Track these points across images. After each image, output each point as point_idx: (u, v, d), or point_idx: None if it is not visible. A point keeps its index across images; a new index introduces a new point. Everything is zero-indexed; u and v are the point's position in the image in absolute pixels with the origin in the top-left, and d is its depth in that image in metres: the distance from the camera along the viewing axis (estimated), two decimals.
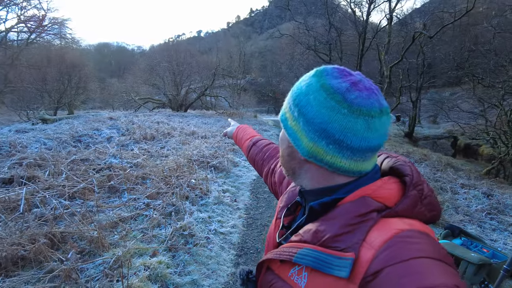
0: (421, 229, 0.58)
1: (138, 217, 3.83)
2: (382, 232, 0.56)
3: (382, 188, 0.64)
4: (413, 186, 0.63)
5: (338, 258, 0.56)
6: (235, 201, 5.19)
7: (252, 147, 1.35)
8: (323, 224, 0.63)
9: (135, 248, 3.04)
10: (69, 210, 3.62)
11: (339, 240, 0.59)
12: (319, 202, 0.67)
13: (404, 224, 0.57)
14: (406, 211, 0.61)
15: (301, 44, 22.05)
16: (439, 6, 20.02)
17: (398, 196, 0.63)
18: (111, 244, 3.10)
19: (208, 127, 14.22)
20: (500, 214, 4.82)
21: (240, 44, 52.20)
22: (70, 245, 2.95)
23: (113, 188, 4.60)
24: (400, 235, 0.55)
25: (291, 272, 0.66)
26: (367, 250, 0.55)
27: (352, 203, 0.63)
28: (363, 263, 0.54)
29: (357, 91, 0.62)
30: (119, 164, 5.61)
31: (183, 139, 9.45)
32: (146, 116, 15.21)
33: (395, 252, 0.52)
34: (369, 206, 0.61)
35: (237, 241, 3.83)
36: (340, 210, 0.63)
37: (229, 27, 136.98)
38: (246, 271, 0.84)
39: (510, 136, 7.51)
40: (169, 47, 31.57)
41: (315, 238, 0.63)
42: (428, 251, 0.52)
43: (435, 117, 26.80)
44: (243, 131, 1.51)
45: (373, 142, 0.63)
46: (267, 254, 0.74)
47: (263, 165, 1.26)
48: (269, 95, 47.38)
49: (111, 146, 7.19)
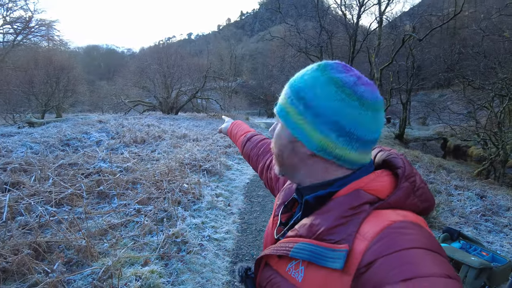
0: (414, 220, 0.58)
1: (129, 224, 3.69)
2: (375, 224, 0.57)
3: (375, 181, 0.65)
4: (405, 178, 0.64)
5: (332, 250, 0.57)
6: (229, 205, 5.08)
7: (247, 143, 1.34)
8: (318, 218, 0.64)
9: (126, 256, 2.91)
10: (56, 218, 3.46)
11: (333, 233, 0.59)
12: (314, 196, 0.68)
13: (397, 216, 0.58)
14: (399, 202, 0.62)
15: (292, 46, 22.05)
16: (427, 10, 20.32)
17: (390, 188, 0.64)
18: (100, 253, 2.96)
19: (200, 130, 14.09)
20: (494, 216, 4.82)
21: (231, 46, 52.27)
22: (56, 255, 2.80)
23: (102, 193, 4.44)
24: (393, 226, 0.55)
25: (288, 267, 0.67)
26: (360, 241, 0.56)
27: (345, 196, 0.63)
28: (357, 255, 0.54)
29: (363, 85, 0.65)
30: (108, 168, 5.45)
31: (174, 142, 9.31)
32: (136, 119, 15.01)
33: (388, 243, 0.52)
34: (362, 199, 0.61)
35: (231, 247, 3.72)
36: (334, 203, 0.64)
37: (219, 30, 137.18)
38: (245, 268, 0.85)
39: (500, 137, 7.57)
40: (160, 49, 31.31)
41: (310, 232, 0.63)
42: (421, 242, 0.52)
43: (425, 119, 27.12)
44: (238, 127, 1.50)
45: (376, 134, 0.67)
46: (265, 250, 0.75)
47: (258, 160, 1.25)
48: (260, 98, 47.46)
49: (101, 150, 7.01)
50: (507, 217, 4.66)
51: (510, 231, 4.23)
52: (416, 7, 22.08)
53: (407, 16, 23.02)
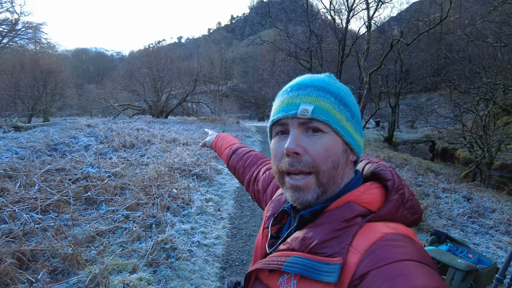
0: (405, 232, 0.59)
1: (117, 230, 3.64)
2: (367, 236, 0.57)
3: (366, 194, 0.65)
4: (395, 191, 0.65)
5: (326, 264, 0.57)
6: (219, 210, 5.05)
7: (232, 155, 1.34)
8: (311, 231, 0.63)
9: (114, 264, 2.86)
10: (41, 225, 3.39)
11: (326, 246, 0.59)
12: (310, 211, 0.67)
13: (388, 228, 0.59)
14: (390, 215, 0.63)
15: (282, 51, 22.20)
16: (414, 15, 20.72)
17: (381, 201, 0.65)
18: (87, 261, 2.91)
19: (190, 134, 14.01)
20: (480, 217, 4.89)
21: (221, 50, 52.29)
22: (41, 264, 2.74)
23: (90, 199, 4.37)
24: (385, 239, 0.56)
25: (280, 281, 0.65)
26: (353, 254, 0.56)
27: (337, 209, 0.64)
28: (350, 267, 0.55)
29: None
30: (96, 173, 5.38)
31: (164, 147, 9.23)
32: (125, 123, 14.86)
33: (380, 255, 0.53)
34: (354, 211, 0.62)
35: (221, 253, 3.69)
36: (326, 217, 0.64)
37: (210, 34, 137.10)
38: (234, 283, 0.84)
39: (485, 140, 7.73)
40: (149, 52, 31.15)
41: (303, 245, 0.62)
42: (412, 254, 0.53)
43: (413, 122, 27.52)
44: (222, 140, 1.49)
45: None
46: (255, 264, 0.73)
47: (244, 172, 1.25)
48: (251, 101, 47.50)
49: (89, 155, 6.91)
50: (493, 218, 4.74)
51: (496, 232, 4.31)
52: (404, 12, 22.54)
53: (395, 21, 23.46)
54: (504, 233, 4.27)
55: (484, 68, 9.13)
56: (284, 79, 23.14)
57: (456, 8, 19.85)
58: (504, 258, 3.53)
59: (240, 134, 15.89)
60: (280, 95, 0.73)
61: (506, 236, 4.16)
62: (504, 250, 3.79)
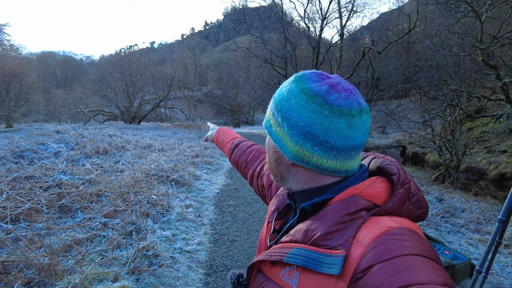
0: (410, 227, 0.59)
1: (95, 238, 3.49)
2: (372, 230, 0.57)
3: (371, 187, 0.65)
4: (400, 185, 0.65)
5: (328, 256, 0.56)
6: (199, 216, 4.97)
7: (235, 150, 1.33)
8: (314, 223, 0.63)
9: (94, 273, 2.74)
10: (12, 235, 3.19)
11: (330, 238, 0.59)
12: (311, 203, 0.67)
13: (393, 222, 0.58)
14: (395, 209, 0.62)
15: (258, 57, 22.39)
16: (384, 24, 21.59)
17: (386, 195, 0.65)
18: (66, 271, 2.77)
19: (165, 140, 13.79)
20: (452, 217, 5.13)
21: (195, 56, 51.97)
22: (15, 276, 2.58)
23: (64, 207, 4.17)
24: (390, 233, 0.55)
25: (282, 273, 0.66)
26: (357, 247, 0.55)
27: (342, 202, 0.63)
28: (353, 261, 0.54)
29: (336, 93, 0.65)
30: (70, 181, 5.14)
31: (139, 153, 9.00)
32: (97, 129, 14.38)
33: (385, 250, 0.52)
34: (359, 205, 0.61)
35: (204, 259, 3.63)
36: (330, 209, 0.63)
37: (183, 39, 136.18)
38: (237, 275, 0.84)
39: (453, 144, 8.13)
40: (121, 57, 30.36)
41: (305, 237, 0.63)
42: (417, 249, 0.53)
43: (384, 128, 28.47)
44: (224, 134, 1.47)
45: (356, 141, 0.65)
46: (258, 256, 0.73)
47: (247, 167, 1.25)
48: (226, 107, 47.43)
49: (60, 162, 6.61)
50: (463, 218, 4.98)
51: (466, 230, 4.52)
52: (374, 22, 23.43)
53: (366, 30, 24.33)
54: (474, 231, 4.49)
55: (450, 76, 9.66)
56: (260, 85, 23.33)
57: (422, 19, 20.91)
58: (475, 254, 3.71)
59: None
60: None
61: (476, 233, 4.38)
62: (475, 247, 3.98)
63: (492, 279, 3.11)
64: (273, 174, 0.78)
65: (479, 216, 4.87)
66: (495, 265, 3.37)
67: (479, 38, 7.73)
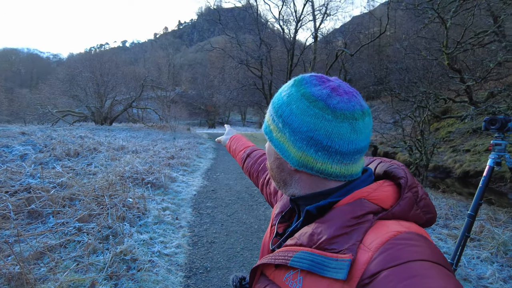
0: (418, 231, 0.57)
1: (69, 244, 3.36)
2: (379, 234, 0.55)
3: (378, 191, 0.64)
4: (408, 188, 0.64)
5: (335, 260, 0.55)
6: (177, 219, 4.91)
7: (247, 159, 1.33)
8: (319, 227, 0.62)
9: (69, 280, 2.64)
10: None
11: (336, 242, 0.57)
12: (316, 206, 0.66)
13: (401, 227, 0.57)
14: (403, 213, 0.61)
15: (233, 58, 22.38)
16: (356, 28, 22.22)
17: (393, 198, 0.63)
18: (38, 279, 2.65)
19: (139, 141, 13.48)
20: None
21: (169, 55, 51.15)
22: None
23: (34, 212, 3.99)
24: (398, 237, 0.54)
25: (285, 277, 0.64)
26: (364, 252, 0.54)
27: (348, 205, 0.62)
28: (360, 266, 0.53)
29: (338, 96, 0.64)
30: (39, 184, 4.92)
31: (112, 155, 8.75)
32: (67, 130, 13.83)
33: (393, 255, 0.51)
34: (366, 208, 0.60)
35: (184, 261, 3.59)
36: (336, 212, 0.62)
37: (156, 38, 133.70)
38: (239, 278, 0.83)
39: (422, 143, 8.49)
40: (92, 56, 29.36)
41: (311, 241, 0.61)
42: (426, 254, 0.51)
43: None
44: (236, 142, 1.48)
45: (359, 144, 0.64)
46: (262, 259, 0.72)
47: (258, 176, 1.25)
48: (201, 108, 46.98)
49: (28, 165, 6.30)
50: None
51: (436, 226, 4.73)
52: (347, 25, 24.06)
53: (339, 32, 24.92)
54: (443, 227, 4.71)
55: (419, 78, 10.08)
56: (236, 86, 23.31)
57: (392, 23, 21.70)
58: (445, 248, 3.90)
59: (192, 141, 15.62)
60: None
61: (445, 228, 4.59)
62: (444, 241, 4.18)
63: (460, 271, 3.28)
64: (275, 181, 0.77)
65: (447, 212, 5.11)
66: (463, 258, 3.55)
67: (445, 43, 8.12)
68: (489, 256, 3.60)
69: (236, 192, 6.88)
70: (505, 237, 3.79)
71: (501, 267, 3.39)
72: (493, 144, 2.58)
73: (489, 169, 2.61)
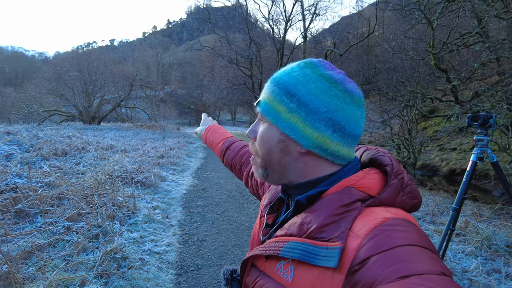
0: (406, 217, 0.58)
1: (58, 243, 3.33)
2: (368, 221, 0.56)
3: (365, 178, 0.64)
4: (394, 175, 0.64)
5: (325, 248, 0.55)
6: (167, 217, 4.90)
7: (227, 152, 1.29)
8: (309, 216, 0.62)
9: (58, 279, 2.62)
10: None
11: (325, 231, 0.58)
12: (306, 196, 0.66)
13: (389, 213, 0.58)
14: (389, 199, 0.62)
15: (223, 57, 22.33)
16: (345, 28, 22.43)
17: (380, 185, 0.64)
18: (27, 278, 2.62)
19: (127, 141, 13.36)
20: None
21: (158, 54, 50.75)
22: None
23: (22, 212, 3.93)
24: (386, 224, 0.55)
25: (277, 267, 0.64)
26: (353, 239, 0.54)
27: (336, 193, 0.62)
28: (350, 252, 0.53)
29: (350, 83, 0.67)
30: (26, 184, 4.85)
31: (101, 154, 8.65)
32: (54, 130, 13.64)
33: (382, 241, 0.52)
34: (353, 196, 0.61)
35: (174, 259, 3.59)
36: (325, 201, 0.62)
37: (145, 37, 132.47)
38: (230, 270, 0.82)
39: (410, 142, 8.63)
40: (79, 55, 28.86)
41: (301, 230, 0.61)
42: (414, 239, 0.52)
43: None
44: (213, 133, 1.41)
45: (362, 129, 0.68)
46: (252, 251, 0.71)
47: (241, 169, 1.21)
48: (191, 107, 46.75)
49: (14, 165, 6.19)
50: (420, 211, 5.30)
51: (423, 222, 4.83)
52: (336, 25, 24.28)
53: (328, 32, 25.14)
54: (430, 223, 4.81)
55: (407, 78, 10.23)
56: (225, 85, 23.27)
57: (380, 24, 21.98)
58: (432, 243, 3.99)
59: (182, 140, 15.55)
60: None
61: (432, 224, 4.70)
62: (431, 237, 4.27)
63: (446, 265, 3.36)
64: (269, 168, 0.73)
65: (434, 209, 5.22)
66: (448, 252, 3.65)
67: (431, 43, 8.29)
68: (473, 250, 3.71)
69: (227, 190, 6.89)
70: (489, 232, 3.90)
71: (485, 261, 3.49)
72: (476, 140, 2.67)
73: (472, 164, 2.69)
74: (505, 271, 3.23)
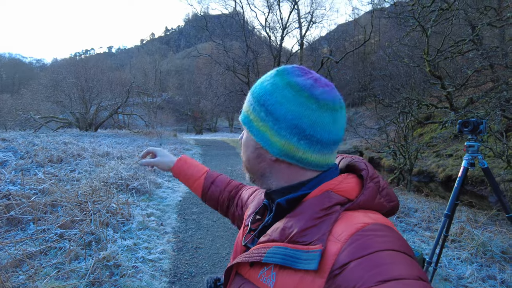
0: (384, 222, 0.60)
1: (50, 251, 3.29)
2: (348, 226, 0.57)
3: (343, 183, 0.66)
4: (370, 179, 0.66)
5: (306, 252, 0.56)
6: (162, 225, 4.87)
7: (211, 187, 1.19)
8: (290, 221, 0.63)
9: (49, 287, 2.59)
10: None
11: (306, 234, 0.59)
12: (286, 199, 0.68)
13: (369, 218, 0.59)
14: (367, 202, 0.64)
15: (220, 64, 22.44)
16: (341, 35, 22.65)
17: (358, 189, 0.66)
18: (16, 287, 2.59)
19: (124, 147, 13.30)
20: (406, 217, 5.44)
21: (155, 61, 50.87)
22: None
23: (14, 219, 3.89)
24: (366, 229, 0.56)
25: (260, 274, 0.64)
26: (334, 243, 0.55)
27: (316, 197, 0.64)
28: (330, 257, 0.54)
29: (320, 87, 0.65)
30: (20, 191, 4.81)
31: (96, 161, 8.62)
32: (50, 137, 13.58)
33: (361, 245, 0.53)
34: (333, 200, 0.62)
35: (168, 267, 3.56)
36: (305, 205, 0.64)
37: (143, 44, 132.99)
38: (214, 279, 0.83)
39: (406, 148, 8.67)
40: (77, 61, 28.99)
41: (283, 235, 0.62)
42: (393, 244, 0.53)
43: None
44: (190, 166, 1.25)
45: (337, 135, 0.67)
46: (236, 258, 0.72)
47: (229, 206, 1.16)
48: (188, 114, 46.76)
49: (8, 171, 6.15)
50: (416, 217, 5.31)
51: (419, 229, 4.83)
52: (332, 33, 24.53)
53: (324, 40, 25.39)
54: (426, 229, 4.81)
55: (402, 85, 10.30)
56: (223, 92, 23.34)
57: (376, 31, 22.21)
58: (427, 250, 3.98)
59: (179, 147, 15.53)
60: None
61: (427, 231, 4.70)
62: (426, 243, 4.27)
63: (441, 271, 3.35)
64: (251, 173, 0.77)
65: (430, 215, 5.22)
66: (443, 259, 3.64)
67: (426, 50, 8.35)
68: (468, 257, 3.70)
69: None
70: (484, 238, 3.89)
71: (480, 267, 3.48)
72: (467, 146, 2.68)
73: (464, 169, 2.71)
74: (500, 277, 3.22)
